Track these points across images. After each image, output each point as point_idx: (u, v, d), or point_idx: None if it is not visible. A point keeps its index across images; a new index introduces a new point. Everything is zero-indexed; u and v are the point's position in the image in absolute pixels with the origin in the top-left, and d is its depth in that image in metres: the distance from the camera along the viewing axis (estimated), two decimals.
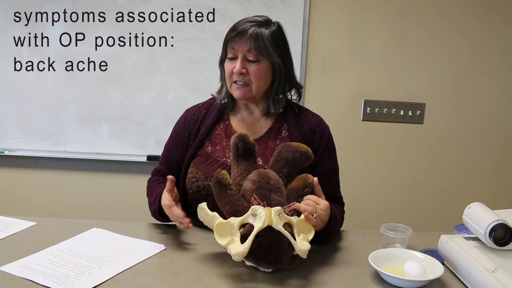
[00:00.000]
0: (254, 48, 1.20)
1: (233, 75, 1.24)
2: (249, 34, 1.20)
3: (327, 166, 1.31)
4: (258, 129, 1.33)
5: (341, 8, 2.24)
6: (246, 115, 1.35)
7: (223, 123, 1.35)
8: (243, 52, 1.22)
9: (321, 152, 1.30)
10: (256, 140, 1.29)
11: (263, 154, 1.27)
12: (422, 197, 2.40)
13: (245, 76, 1.23)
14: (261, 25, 1.23)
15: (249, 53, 1.21)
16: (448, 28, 2.25)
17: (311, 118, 1.34)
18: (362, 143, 2.34)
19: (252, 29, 1.21)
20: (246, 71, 1.22)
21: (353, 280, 0.99)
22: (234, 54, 1.23)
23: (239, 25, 1.23)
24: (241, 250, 0.93)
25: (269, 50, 1.22)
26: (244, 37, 1.21)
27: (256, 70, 1.22)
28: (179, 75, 2.28)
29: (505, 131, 2.36)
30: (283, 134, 1.31)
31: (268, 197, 1.03)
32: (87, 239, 1.16)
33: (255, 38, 1.20)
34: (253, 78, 1.23)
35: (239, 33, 1.21)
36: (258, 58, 1.22)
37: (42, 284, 0.91)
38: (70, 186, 2.43)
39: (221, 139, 1.32)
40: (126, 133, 2.34)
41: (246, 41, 1.20)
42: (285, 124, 1.32)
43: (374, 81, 2.30)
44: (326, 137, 1.32)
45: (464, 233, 1.13)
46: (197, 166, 1.29)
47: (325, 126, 1.35)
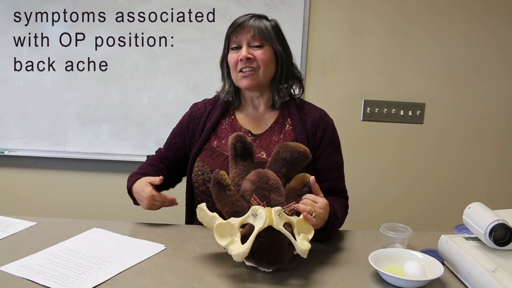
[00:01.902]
0: (258, 33, 1.26)
1: (238, 64, 1.27)
2: (251, 22, 1.27)
3: (330, 158, 1.32)
4: (263, 124, 1.35)
5: (341, 8, 2.24)
6: (251, 110, 1.38)
7: (229, 118, 1.38)
8: (247, 39, 1.27)
9: (325, 145, 1.31)
10: (260, 135, 1.33)
11: (267, 148, 1.29)
12: (422, 197, 2.40)
13: (252, 61, 1.27)
14: (261, 17, 1.31)
15: (254, 39, 1.27)
16: (448, 28, 2.26)
17: (315, 112, 1.35)
18: (362, 143, 2.35)
19: (253, 18, 1.29)
20: (252, 57, 1.26)
21: (353, 280, 0.98)
22: (238, 43, 1.28)
23: (239, 19, 1.29)
24: (242, 250, 0.93)
25: (272, 37, 1.28)
26: (247, 26, 1.27)
27: (261, 53, 1.27)
28: (179, 75, 2.28)
29: (505, 131, 2.36)
30: (287, 128, 1.33)
31: (267, 197, 1.03)
32: (87, 239, 1.16)
33: (257, 26, 1.27)
34: (260, 62, 1.27)
35: (240, 24, 1.28)
36: (262, 43, 1.27)
37: (42, 284, 0.91)
38: (70, 186, 2.43)
39: (227, 133, 1.34)
40: (126, 133, 2.34)
41: (250, 28, 1.26)
42: (288, 118, 1.34)
43: (374, 81, 2.30)
44: (330, 130, 1.33)
45: (464, 233, 1.13)
46: (203, 160, 1.32)
47: (329, 119, 1.36)
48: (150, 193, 1.23)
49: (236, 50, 1.29)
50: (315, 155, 1.30)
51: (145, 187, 1.24)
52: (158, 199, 1.24)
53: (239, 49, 1.28)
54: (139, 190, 1.26)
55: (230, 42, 1.30)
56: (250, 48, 1.27)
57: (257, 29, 1.26)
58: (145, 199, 1.23)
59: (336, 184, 1.32)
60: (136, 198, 1.29)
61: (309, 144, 1.27)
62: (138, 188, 1.27)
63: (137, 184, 1.28)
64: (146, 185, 1.25)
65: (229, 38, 1.30)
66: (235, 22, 1.29)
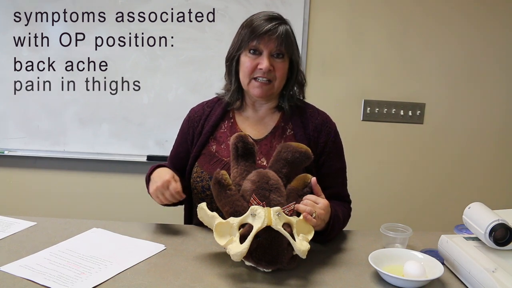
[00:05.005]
0: (283, 45, 1.21)
1: (255, 71, 1.23)
2: (279, 32, 1.21)
3: (334, 165, 1.30)
4: (263, 128, 1.32)
5: (341, 8, 2.24)
6: (251, 113, 1.34)
7: (228, 121, 1.34)
8: (271, 49, 1.21)
9: (328, 151, 1.29)
10: (260, 140, 1.30)
11: (267, 154, 1.26)
12: (422, 197, 2.40)
13: (270, 72, 1.23)
14: (285, 22, 1.25)
15: (277, 50, 1.22)
16: (448, 28, 2.26)
17: (317, 116, 1.33)
18: (362, 143, 2.34)
19: (281, 27, 1.22)
20: (272, 68, 1.23)
21: (353, 280, 0.99)
22: (259, 49, 1.22)
23: (263, 24, 1.21)
24: (240, 250, 0.93)
25: (294, 48, 1.25)
26: (275, 35, 1.20)
27: (282, 67, 1.24)
28: (179, 75, 2.28)
29: (505, 131, 2.36)
30: (288, 133, 1.30)
31: (267, 197, 1.03)
32: (87, 239, 1.16)
33: (285, 36, 1.22)
34: (278, 74, 1.24)
35: (268, 31, 1.20)
36: (283, 55, 1.23)
37: (42, 284, 0.91)
38: (70, 186, 2.43)
39: (226, 137, 1.31)
40: (126, 133, 2.34)
41: (277, 38, 1.20)
42: (290, 122, 1.31)
43: (374, 81, 2.30)
44: (332, 135, 1.31)
45: (464, 233, 1.13)
46: (202, 165, 1.29)
47: (332, 124, 1.34)
48: (171, 175, 1.17)
49: (254, 55, 1.22)
50: (319, 161, 1.28)
51: (167, 175, 1.17)
52: (174, 185, 1.16)
53: (258, 55, 1.22)
54: (163, 173, 1.19)
55: (249, 44, 1.22)
56: (271, 58, 1.22)
57: (284, 40, 1.21)
58: (163, 179, 1.16)
59: (340, 190, 1.31)
60: (153, 179, 1.22)
61: (312, 150, 1.20)
62: (163, 171, 1.21)
63: (163, 169, 1.23)
64: (170, 175, 1.18)
65: (249, 40, 1.22)
66: (259, 27, 1.20)
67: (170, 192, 1.16)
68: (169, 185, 1.16)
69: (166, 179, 1.16)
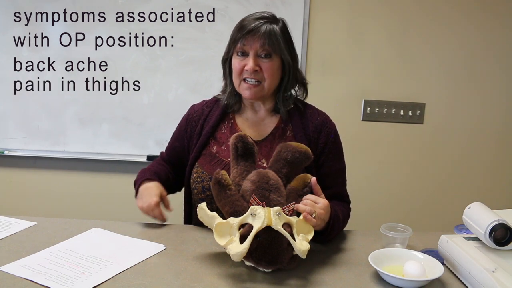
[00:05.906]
0: (268, 44, 1.19)
1: (243, 72, 1.23)
2: (262, 31, 1.19)
3: (334, 165, 1.30)
4: (263, 129, 1.32)
5: (341, 8, 2.24)
6: (251, 114, 1.34)
7: (228, 122, 1.34)
8: (256, 49, 1.20)
9: (328, 151, 1.29)
10: (261, 141, 1.29)
11: (267, 155, 1.25)
12: (422, 197, 2.40)
13: (257, 73, 1.22)
14: (272, 21, 1.23)
15: (262, 50, 1.20)
16: (448, 28, 2.26)
17: (317, 117, 1.32)
18: (362, 143, 2.34)
19: (264, 26, 1.20)
20: (259, 68, 1.22)
21: (353, 280, 0.98)
22: (245, 50, 1.21)
23: (249, 23, 1.21)
24: (240, 250, 0.93)
25: (281, 47, 1.22)
26: (257, 34, 1.19)
27: (269, 67, 1.22)
28: (179, 75, 2.28)
29: (505, 131, 2.36)
30: (288, 135, 1.30)
31: (267, 197, 1.03)
32: (87, 239, 1.16)
33: (268, 35, 1.19)
34: (267, 75, 1.22)
35: (251, 31, 1.20)
36: (270, 53, 1.21)
37: (42, 284, 0.91)
38: (70, 186, 2.43)
39: (226, 138, 1.31)
40: (126, 133, 2.34)
41: (260, 37, 1.19)
42: (290, 124, 1.31)
43: (374, 81, 2.30)
44: (332, 135, 1.31)
45: (464, 233, 1.13)
46: (202, 166, 1.29)
47: (331, 124, 1.33)
48: (156, 200, 1.24)
49: (242, 56, 1.22)
50: (319, 161, 1.28)
51: (154, 196, 1.25)
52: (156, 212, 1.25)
53: (245, 57, 1.22)
54: (150, 193, 1.27)
55: (237, 47, 1.22)
56: (258, 58, 1.21)
57: (267, 38, 1.19)
58: (149, 203, 1.24)
59: (340, 190, 1.31)
60: (141, 193, 1.28)
61: (312, 150, 1.20)
62: (149, 191, 1.27)
63: (152, 184, 1.29)
64: (157, 195, 1.26)
65: (235, 41, 1.22)
66: (245, 26, 1.21)
67: (153, 215, 1.25)
68: (153, 210, 1.24)
69: (151, 204, 1.23)
